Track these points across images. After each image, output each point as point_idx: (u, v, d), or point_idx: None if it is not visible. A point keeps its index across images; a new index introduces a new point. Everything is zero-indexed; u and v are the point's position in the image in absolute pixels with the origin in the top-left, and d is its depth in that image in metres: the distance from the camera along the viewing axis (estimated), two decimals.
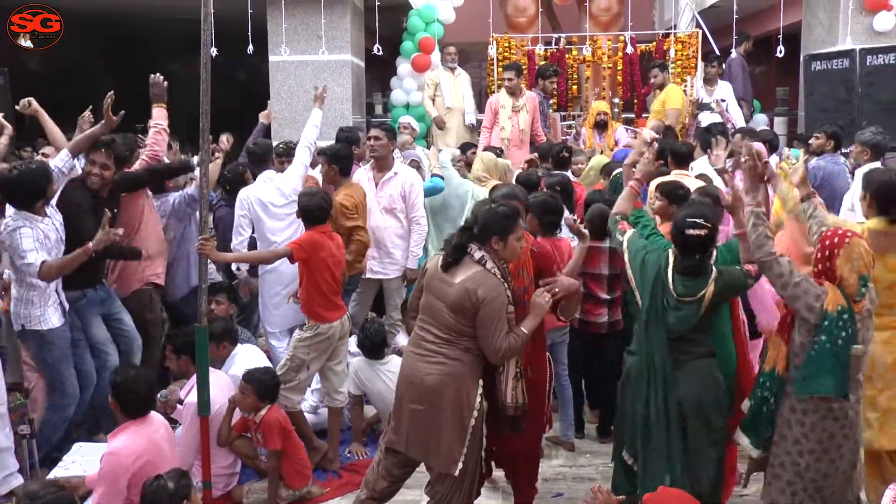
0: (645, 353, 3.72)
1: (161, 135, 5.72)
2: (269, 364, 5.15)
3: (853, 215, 5.33)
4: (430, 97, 9.62)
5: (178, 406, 4.74)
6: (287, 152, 6.61)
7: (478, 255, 3.72)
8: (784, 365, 3.49)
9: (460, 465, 3.74)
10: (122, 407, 4.05)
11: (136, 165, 5.68)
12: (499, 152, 7.40)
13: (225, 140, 6.75)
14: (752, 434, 3.66)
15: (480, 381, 3.78)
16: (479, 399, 3.74)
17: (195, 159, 5.90)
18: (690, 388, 3.68)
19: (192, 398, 4.48)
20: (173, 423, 4.67)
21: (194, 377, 4.50)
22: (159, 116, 5.71)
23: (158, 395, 4.72)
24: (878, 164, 6.18)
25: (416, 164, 7.06)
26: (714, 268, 3.65)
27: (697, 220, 3.56)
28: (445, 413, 3.72)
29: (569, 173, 6.76)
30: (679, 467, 3.72)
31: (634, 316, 3.93)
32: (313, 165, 6.43)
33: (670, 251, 3.71)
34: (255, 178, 6.16)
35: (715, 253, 3.78)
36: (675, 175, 5.63)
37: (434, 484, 3.89)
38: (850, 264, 3.37)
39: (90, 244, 4.62)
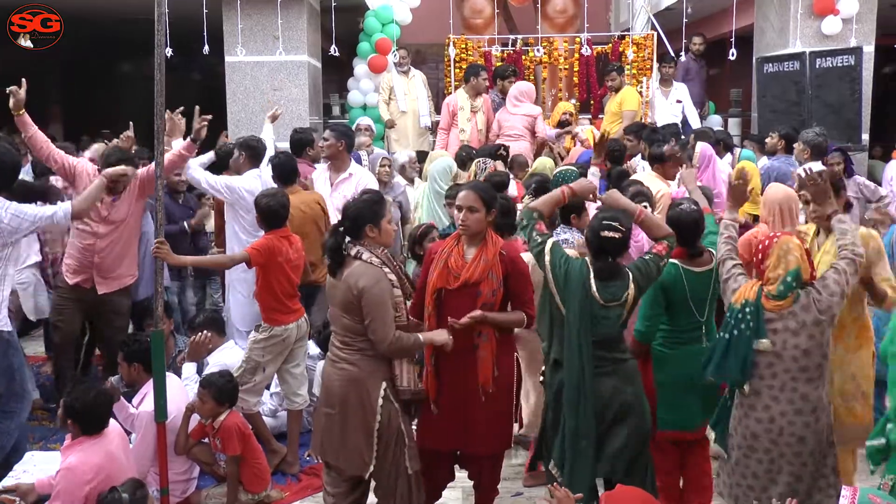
0: (576, 364, 3.67)
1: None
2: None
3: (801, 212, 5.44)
4: (385, 101, 9.62)
5: (123, 401, 4.62)
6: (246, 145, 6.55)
7: (353, 251, 3.78)
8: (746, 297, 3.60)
9: (371, 468, 3.77)
10: (81, 427, 3.99)
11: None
12: (472, 152, 7.39)
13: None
14: (717, 429, 3.77)
15: (384, 384, 3.78)
16: (380, 400, 3.75)
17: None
18: (623, 392, 3.69)
19: (146, 406, 4.41)
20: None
21: (147, 385, 4.44)
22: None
23: (111, 380, 4.66)
24: (818, 164, 6.34)
25: (387, 163, 7.10)
26: (628, 270, 3.71)
27: (612, 224, 3.64)
28: (350, 416, 3.77)
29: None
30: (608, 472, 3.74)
31: (553, 320, 3.89)
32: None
33: (587, 260, 3.75)
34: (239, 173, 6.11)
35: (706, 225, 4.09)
36: None
37: (375, 491, 3.91)
38: (776, 260, 3.48)
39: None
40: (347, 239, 3.83)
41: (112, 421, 4.23)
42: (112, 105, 12.15)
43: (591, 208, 4.82)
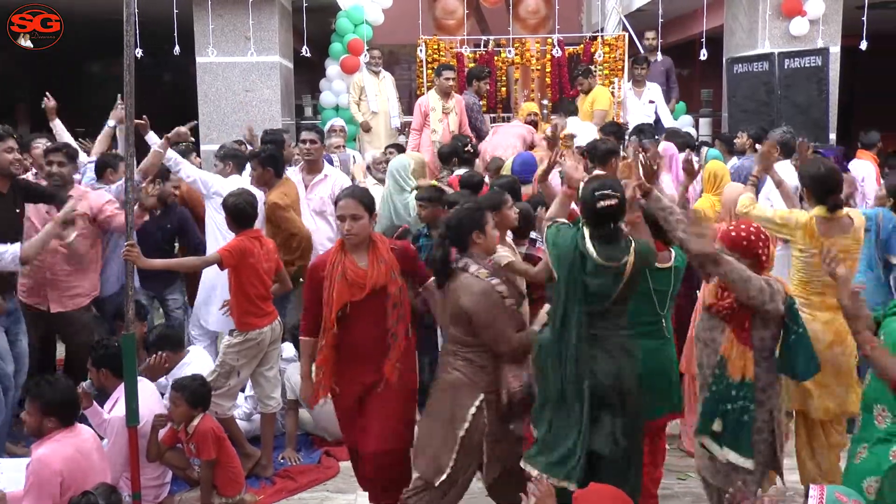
0: (559, 328, 3.59)
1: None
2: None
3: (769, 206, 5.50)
4: (356, 101, 9.59)
5: (96, 406, 4.57)
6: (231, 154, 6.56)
7: (460, 263, 3.76)
8: (753, 371, 3.54)
9: (444, 476, 3.71)
10: (59, 418, 3.93)
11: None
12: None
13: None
14: (739, 447, 3.60)
15: (481, 395, 3.73)
16: (473, 409, 3.71)
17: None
18: (607, 367, 3.57)
19: (117, 412, 4.37)
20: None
21: (118, 390, 4.39)
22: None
23: (82, 385, 4.60)
24: (787, 162, 6.43)
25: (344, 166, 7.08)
26: (632, 240, 3.63)
27: (606, 192, 3.55)
28: (437, 420, 3.76)
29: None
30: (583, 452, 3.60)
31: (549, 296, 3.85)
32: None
33: (583, 227, 3.65)
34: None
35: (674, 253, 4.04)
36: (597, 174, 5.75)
37: (415, 491, 3.84)
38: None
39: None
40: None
41: (87, 427, 4.19)
42: (81, 106, 12.06)
43: None
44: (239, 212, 4.88)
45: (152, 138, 5.68)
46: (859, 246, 4.29)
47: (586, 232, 3.61)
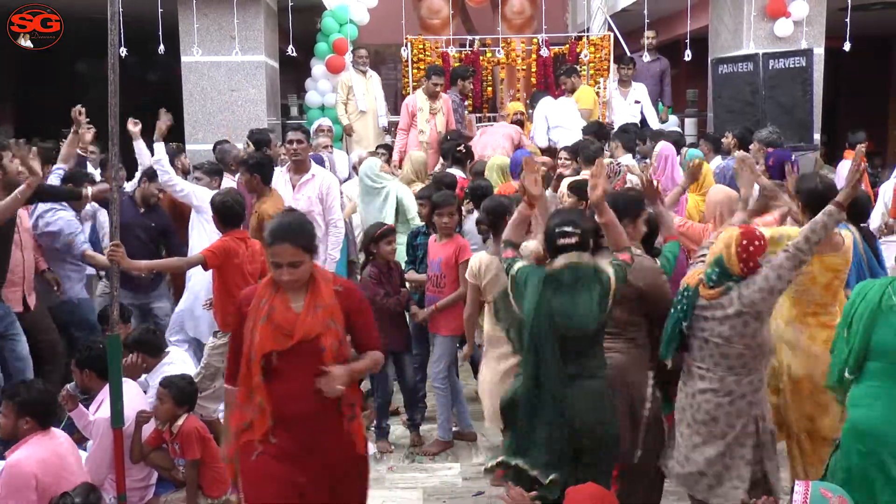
0: (531, 367, 3.51)
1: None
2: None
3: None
4: (343, 101, 9.57)
5: (82, 408, 4.55)
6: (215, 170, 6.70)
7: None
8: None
9: (638, 455, 3.78)
10: (38, 420, 3.91)
11: None
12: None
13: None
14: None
15: (650, 372, 3.82)
16: (650, 390, 3.80)
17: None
18: (584, 412, 3.51)
19: (101, 413, 4.34)
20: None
21: (103, 391, 4.37)
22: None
23: (67, 387, 4.57)
24: None
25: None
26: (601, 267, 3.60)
27: (566, 229, 3.54)
28: (617, 404, 3.72)
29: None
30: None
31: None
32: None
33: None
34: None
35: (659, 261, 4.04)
36: (585, 175, 5.75)
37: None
38: (712, 251, 3.62)
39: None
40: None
41: (62, 431, 4.17)
42: (64, 106, 11.97)
43: None
44: (227, 209, 4.86)
45: (140, 147, 5.71)
46: (848, 266, 4.22)
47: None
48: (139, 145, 6.24)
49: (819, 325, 4.13)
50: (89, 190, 5.71)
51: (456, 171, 6.76)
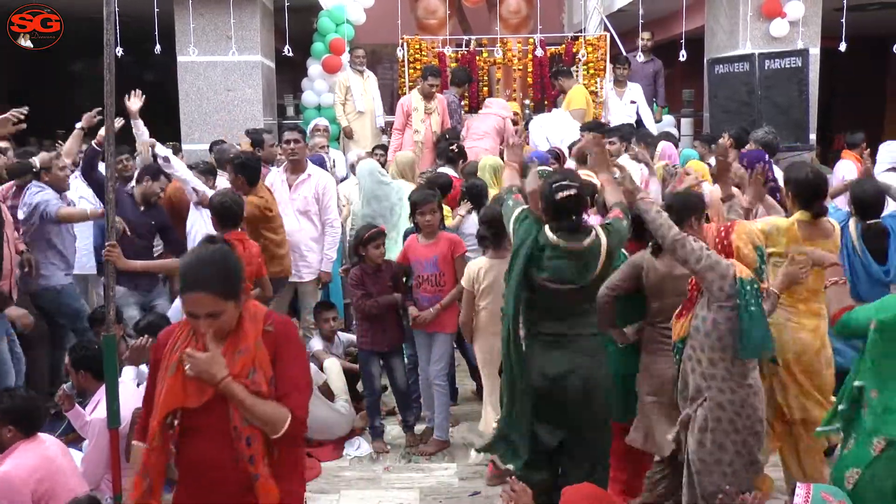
0: (508, 321, 3.68)
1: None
2: None
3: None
4: (342, 102, 9.56)
5: (78, 408, 4.54)
6: (209, 170, 6.71)
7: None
8: (685, 332, 3.63)
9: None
10: (21, 429, 3.88)
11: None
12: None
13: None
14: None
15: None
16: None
17: (36, 160, 5.77)
18: (560, 367, 3.67)
19: (98, 414, 4.33)
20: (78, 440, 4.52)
21: (99, 392, 4.36)
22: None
23: (63, 387, 4.56)
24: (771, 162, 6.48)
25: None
26: (596, 226, 3.72)
27: (563, 183, 3.63)
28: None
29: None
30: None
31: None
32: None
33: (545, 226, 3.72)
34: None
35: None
36: (581, 174, 5.77)
37: (661, 473, 3.99)
38: (744, 237, 3.66)
39: None
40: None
41: (49, 435, 4.14)
42: (60, 106, 11.98)
43: None
44: (225, 210, 4.85)
45: (138, 125, 5.74)
46: (837, 251, 4.29)
47: (548, 224, 3.67)
48: (137, 124, 6.22)
49: (808, 313, 4.16)
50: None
51: (448, 171, 6.77)
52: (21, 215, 5.68)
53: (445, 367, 5.33)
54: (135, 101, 6.06)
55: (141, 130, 6.31)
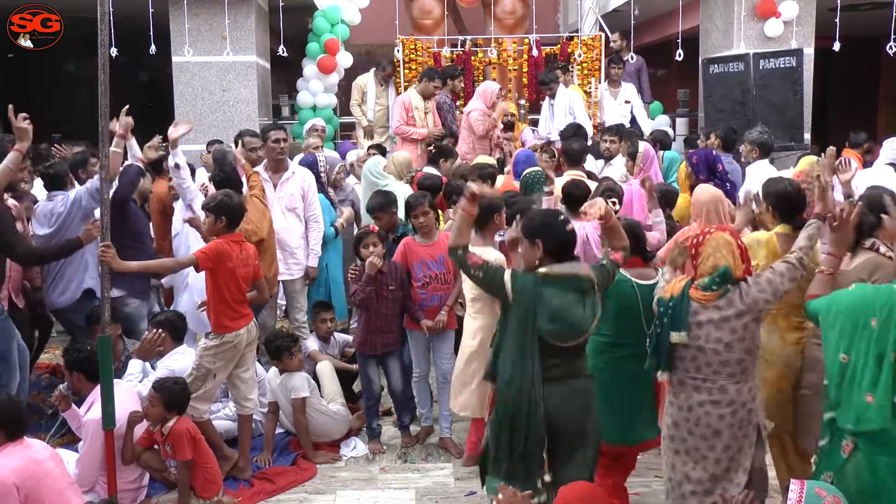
0: (518, 366, 3.54)
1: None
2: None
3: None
4: (359, 103, 9.74)
5: (75, 408, 4.54)
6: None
7: (868, 242, 3.91)
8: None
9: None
10: (6, 432, 3.85)
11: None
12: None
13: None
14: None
15: None
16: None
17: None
18: (572, 411, 3.57)
19: (92, 415, 4.33)
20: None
21: (94, 393, 4.35)
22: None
23: (60, 387, 4.55)
24: (766, 162, 6.49)
25: (342, 169, 7.12)
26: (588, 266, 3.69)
27: (563, 217, 3.66)
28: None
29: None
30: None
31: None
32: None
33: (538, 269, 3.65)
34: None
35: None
36: (569, 175, 5.79)
37: None
38: (707, 255, 3.51)
39: None
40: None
41: (39, 441, 4.11)
42: (54, 106, 11.96)
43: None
44: (232, 207, 4.85)
45: (132, 145, 5.70)
46: (819, 263, 4.25)
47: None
48: (131, 144, 6.16)
49: (790, 328, 4.13)
50: None
51: (432, 170, 6.84)
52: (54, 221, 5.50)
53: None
54: (124, 121, 5.67)
55: (135, 150, 6.24)
